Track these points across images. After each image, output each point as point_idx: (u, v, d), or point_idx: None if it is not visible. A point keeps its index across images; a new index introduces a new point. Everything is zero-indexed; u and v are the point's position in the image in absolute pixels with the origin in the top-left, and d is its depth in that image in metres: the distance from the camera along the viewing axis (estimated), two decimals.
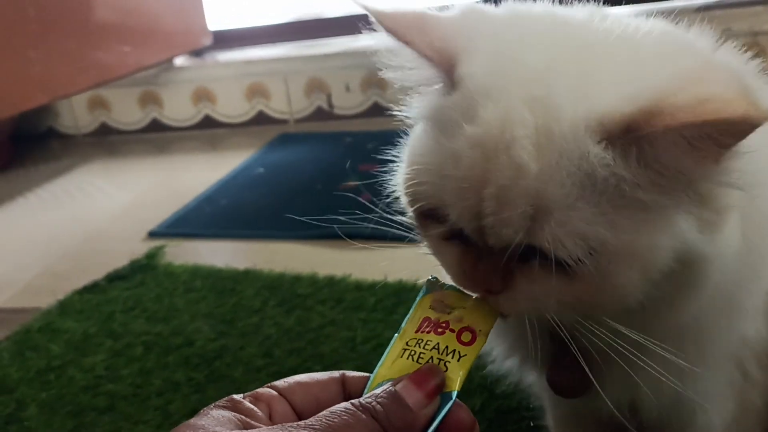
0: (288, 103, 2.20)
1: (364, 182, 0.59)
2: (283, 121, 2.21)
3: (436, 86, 0.45)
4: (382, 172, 0.55)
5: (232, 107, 2.24)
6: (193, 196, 1.65)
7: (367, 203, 0.60)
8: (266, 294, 1.15)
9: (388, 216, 0.58)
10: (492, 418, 0.81)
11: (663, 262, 0.40)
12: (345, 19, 2.33)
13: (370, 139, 1.92)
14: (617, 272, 0.40)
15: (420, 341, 0.44)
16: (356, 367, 0.92)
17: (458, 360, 0.42)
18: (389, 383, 0.41)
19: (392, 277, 1.14)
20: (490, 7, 0.48)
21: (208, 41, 2.25)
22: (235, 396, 0.42)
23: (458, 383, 0.41)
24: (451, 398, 0.41)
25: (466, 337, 0.44)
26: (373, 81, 2.11)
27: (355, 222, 0.60)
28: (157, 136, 2.28)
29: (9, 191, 1.90)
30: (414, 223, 0.51)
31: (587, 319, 0.43)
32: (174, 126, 2.30)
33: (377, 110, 2.14)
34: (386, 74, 0.49)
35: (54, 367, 1.03)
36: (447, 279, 0.49)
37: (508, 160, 0.38)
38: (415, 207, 0.46)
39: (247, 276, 1.22)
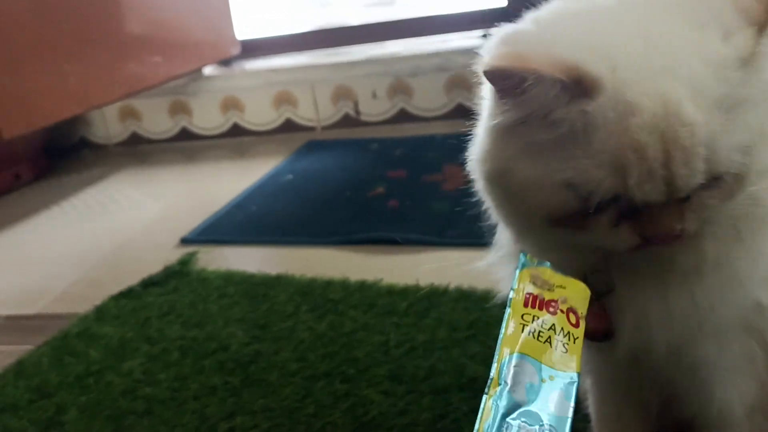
0: (315, 110, 2.22)
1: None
2: (311, 129, 2.23)
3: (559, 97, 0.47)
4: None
5: (260, 115, 2.26)
6: (224, 204, 1.67)
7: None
8: (298, 299, 1.16)
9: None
10: None
11: None
12: (370, 26, 2.35)
13: (397, 146, 1.93)
14: (754, 158, 0.47)
15: (536, 318, 0.45)
16: (390, 370, 0.93)
17: (573, 342, 0.44)
18: (517, 356, 0.43)
19: (423, 282, 1.15)
20: (526, 25, 0.52)
21: (236, 51, 2.28)
22: None
23: (578, 364, 0.43)
24: (575, 380, 0.42)
25: (572, 318, 0.45)
26: (400, 88, 2.12)
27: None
28: (186, 145, 2.31)
29: (44, 201, 1.94)
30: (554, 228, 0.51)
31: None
32: (203, 134, 2.33)
33: (404, 117, 2.15)
34: (510, 114, 0.49)
35: (92, 371, 1.05)
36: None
37: (682, 126, 0.44)
38: (571, 207, 0.48)
39: (280, 281, 1.23)
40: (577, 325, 0.45)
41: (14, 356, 1.12)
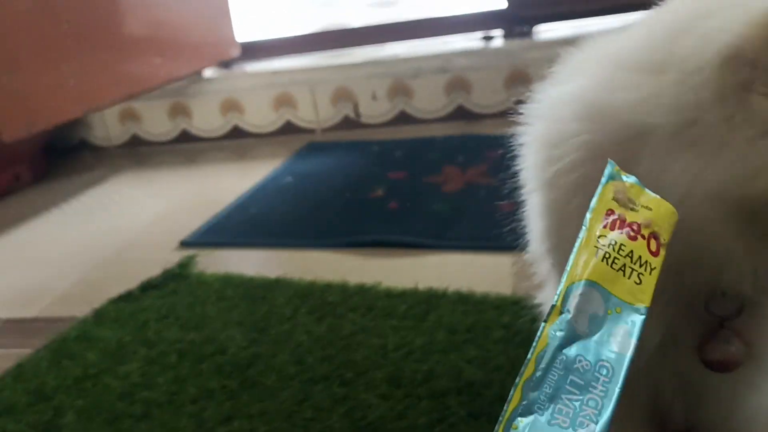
0: (315, 112, 2.22)
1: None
2: (311, 131, 2.23)
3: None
4: None
5: (260, 117, 2.26)
6: (223, 206, 1.67)
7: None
8: (297, 302, 1.16)
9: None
10: None
11: None
12: (370, 28, 2.35)
13: (397, 147, 1.93)
14: None
15: (612, 243, 0.40)
16: (388, 374, 0.93)
17: (650, 273, 0.40)
18: (585, 283, 0.39)
19: (422, 285, 1.14)
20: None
21: (236, 53, 2.28)
22: None
23: (650, 298, 0.39)
24: (644, 314, 0.39)
25: (653, 245, 0.41)
26: (400, 89, 2.12)
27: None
28: (186, 147, 2.31)
29: (43, 202, 1.94)
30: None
31: None
32: (203, 136, 2.33)
33: (404, 118, 2.15)
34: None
35: (90, 374, 1.04)
36: None
37: None
38: None
39: (278, 284, 1.23)
40: (656, 254, 0.40)
41: (13, 359, 1.12)
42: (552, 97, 0.55)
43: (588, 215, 0.41)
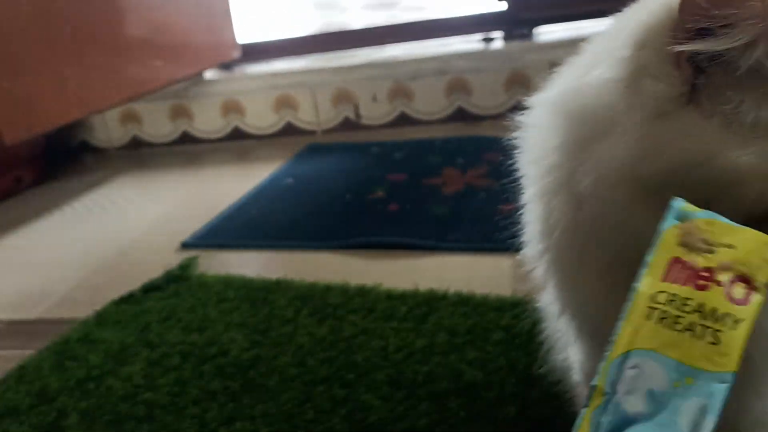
0: (316, 114, 2.22)
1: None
2: (311, 132, 2.24)
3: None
4: None
5: (260, 119, 2.27)
6: (224, 207, 1.67)
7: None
8: (298, 304, 1.16)
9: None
10: (526, 427, 0.82)
11: None
12: (370, 30, 2.36)
13: (397, 149, 1.93)
14: None
15: (674, 298, 0.32)
16: (388, 375, 0.94)
17: (733, 328, 0.31)
18: (637, 353, 0.32)
19: (423, 287, 1.15)
20: None
21: (237, 54, 2.29)
22: None
23: (735, 361, 0.31)
24: (727, 382, 0.31)
25: (738, 292, 0.32)
26: (400, 91, 2.13)
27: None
28: (187, 149, 2.31)
29: (44, 204, 1.94)
30: None
31: None
32: (204, 138, 2.33)
33: (404, 120, 2.15)
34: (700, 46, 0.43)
35: (93, 376, 1.05)
36: None
37: None
38: None
39: (279, 286, 1.24)
40: (744, 302, 0.32)
41: (15, 361, 1.12)
42: (538, 102, 0.57)
43: (641, 271, 0.34)
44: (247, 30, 2.39)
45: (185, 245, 1.50)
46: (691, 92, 0.44)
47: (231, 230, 1.56)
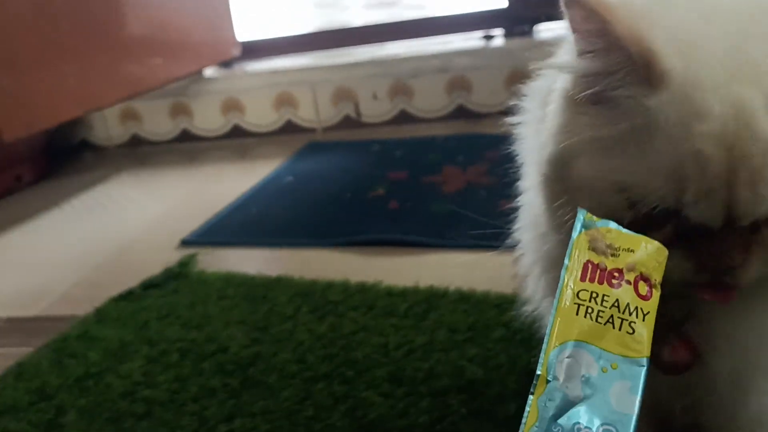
0: (316, 111, 2.22)
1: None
2: (312, 130, 2.23)
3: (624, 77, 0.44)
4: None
5: (260, 117, 2.26)
6: (224, 205, 1.67)
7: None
8: (298, 301, 1.16)
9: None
10: None
11: None
12: (371, 28, 2.35)
13: (397, 147, 1.93)
14: None
15: (594, 295, 0.37)
16: (389, 372, 0.93)
17: (642, 319, 0.37)
18: (571, 345, 0.36)
19: (423, 283, 1.15)
20: None
21: (237, 52, 2.29)
22: None
23: (647, 347, 0.37)
24: (644, 366, 0.36)
25: (642, 288, 0.38)
26: (400, 89, 2.13)
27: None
28: (187, 147, 2.31)
29: (44, 202, 1.94)
30: None
31: None
32: (204, 136, 2.33)
33: (404, 118, 2.15)
34: (560, 61, 0.50)
35: (92, 373, 1.05)
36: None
37: (754, 141, 0.39)
38: (622, 215, 0.44)
39: (279, 283, 1.23)
40: (648, 297, 0.38)
41: (14, 358, 1.12)
42: (531, 89, 0.60)
43: (563, 273, 0.38)
44: (247, 28, 2.38)
45: (185, 243, 1.50)
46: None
47: (231, 228, 1.55)
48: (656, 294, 0.38)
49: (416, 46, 2.21)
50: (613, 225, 0.40)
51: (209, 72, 2.31)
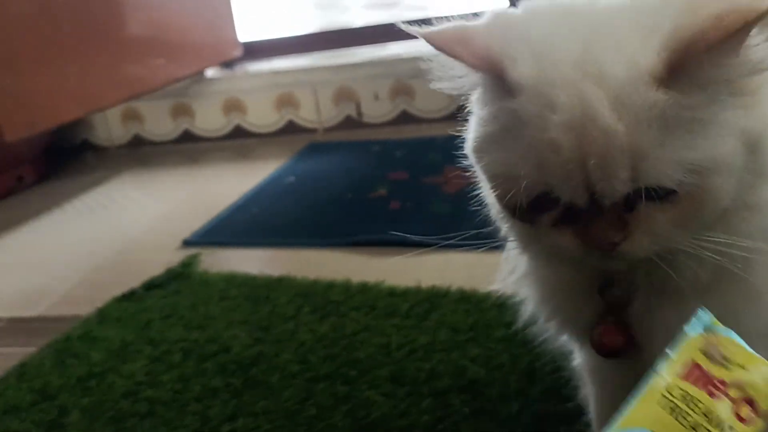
0: (317, 112, 2.22)
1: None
2: (313, 130, 2.23)
3: (483, 90, 0.53)
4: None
5: (262, 117, 2.27)
6: (226, 206, 1.67)
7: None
8: (300, 301, 1.16)
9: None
10: (528, 423, 0.81)
11: (739, 158, 0.47)
12: (372, 28, 2.35)
13: (398, 147, 1.93)
14: (710, 181, 0.46)
15: (687, 397, 0.35)
16: (390, 372, 0.93)
17: None
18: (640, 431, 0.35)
19: (425, 284, 1.15)
20: (511, 10, 0.55)
21: (238, 53, 2.29)
22: None
23: None
24: None
25: (744, 411, 0.35)
26: (401, 89, 2.13)
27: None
28: (188, 147, 2.31)
29: (46, 203, 1.94)
30: (513, 223, 0.57)
31: (695, 238, 0.49)
32: (205, 137, 2.33)
33: (405, 118, 2.15)
34: (441, 85, 0.57)
35: (95, 373, 1.05)
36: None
37: (598, 132, 0.45)
38: (518, 200, 0.50)
39: (281, 283, 1.23)
40: (746, 421, 0.35)
41: (17, 358, 1.12)
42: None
43: (663, 362, 0.37)
44: (248, 28, 2.38)
45: (187, 243, 1.50)
46: None
47: (232, 228, 1.56)
48: (759, 423, 0.35)
49: (417, 47, 2.21)
50: (735, 336, 0.38)
51: (211, 72, 2.31)
